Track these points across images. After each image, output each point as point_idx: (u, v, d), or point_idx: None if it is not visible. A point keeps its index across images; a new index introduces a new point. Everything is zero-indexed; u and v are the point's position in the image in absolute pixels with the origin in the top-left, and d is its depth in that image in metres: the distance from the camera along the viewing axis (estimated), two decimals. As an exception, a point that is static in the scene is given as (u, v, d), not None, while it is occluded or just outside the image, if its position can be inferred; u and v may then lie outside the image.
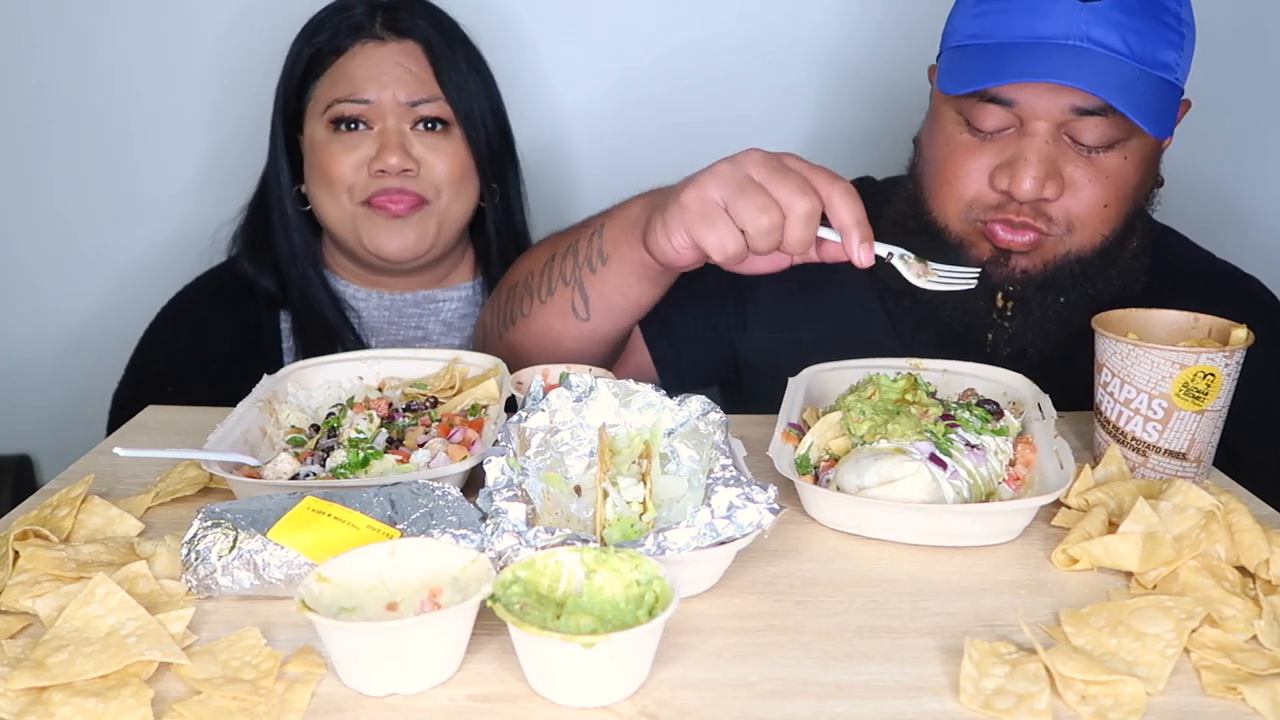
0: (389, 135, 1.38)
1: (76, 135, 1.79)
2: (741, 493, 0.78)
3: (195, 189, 1.81)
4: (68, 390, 1.60)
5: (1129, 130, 1.08)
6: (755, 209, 1.00)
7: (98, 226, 1.83)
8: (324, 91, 1.41)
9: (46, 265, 1.85)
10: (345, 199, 1.41)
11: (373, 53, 1.39)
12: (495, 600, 0.67)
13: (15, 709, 0.64)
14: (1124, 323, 1.02)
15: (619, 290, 1.17)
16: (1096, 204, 1.11)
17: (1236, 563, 0.82)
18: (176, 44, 1.75)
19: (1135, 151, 1.11)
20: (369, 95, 1.38)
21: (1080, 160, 1.10)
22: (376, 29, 1.40)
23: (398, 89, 1.38)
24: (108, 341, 1.56)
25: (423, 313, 1.52)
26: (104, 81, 1.76)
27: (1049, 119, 1.08)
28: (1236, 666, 0.69)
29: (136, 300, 1.58)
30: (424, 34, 1.41)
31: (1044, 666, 0.68)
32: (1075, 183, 1.10)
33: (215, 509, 0.79)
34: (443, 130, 1.41)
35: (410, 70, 1.39)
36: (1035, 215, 1.12)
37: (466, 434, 0.99)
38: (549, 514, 0.86)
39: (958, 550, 0.87)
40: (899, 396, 0.99)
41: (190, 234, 1.72)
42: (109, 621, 0.70)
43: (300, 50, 1.43)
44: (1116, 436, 0.98)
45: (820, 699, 0.67)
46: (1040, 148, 1.08)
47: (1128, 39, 1.05)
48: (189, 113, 1.79)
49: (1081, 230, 1.12)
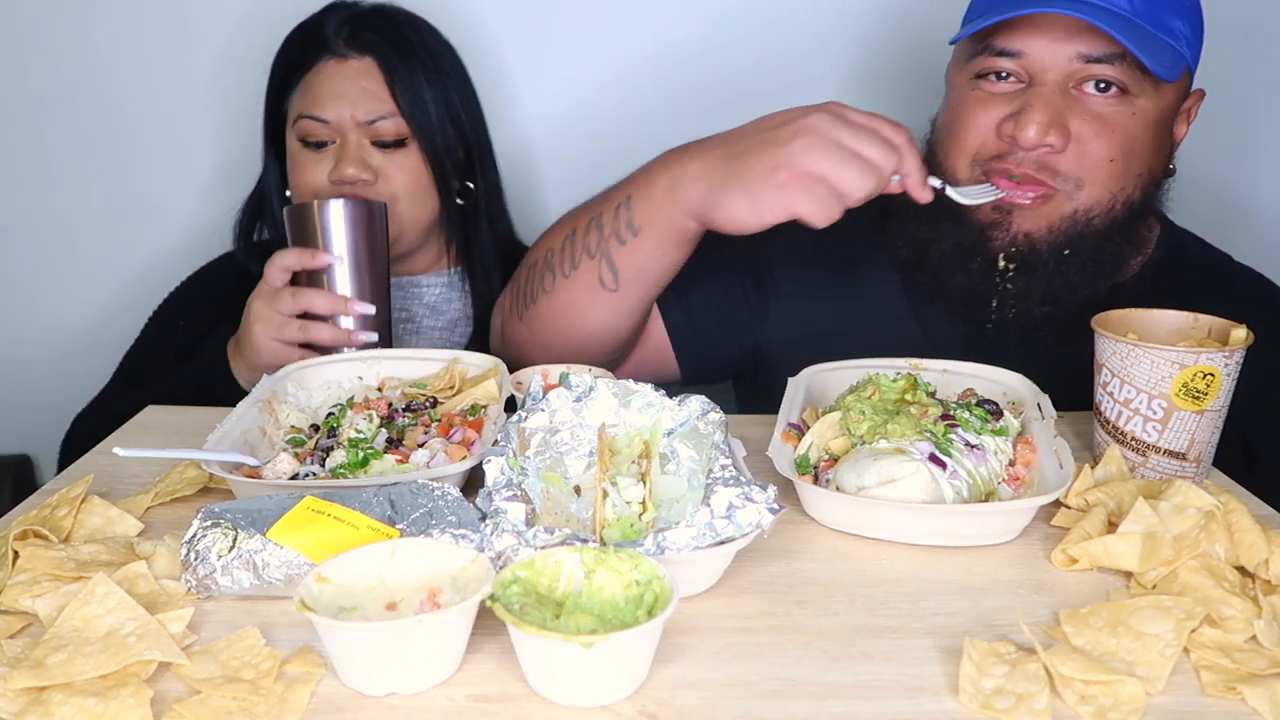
0: (348, 149, 1.43)
1: (76, 139, 1.79)
2: (741, 493, 0.78)
3: (196, 193, 1.81)
4: (69, 391, 1.60)
5: (1138, 85, 1.10)
6: (858, 176, 1.02)
7: (98, 228, 1.84)
8: (295, 105, 1.46)
9: (47, 266, 1.85)
10: None
11: (334, 70, 1.43)
12: (495, 600, 0.67)
13: (15, 709, 0.64)
14: (1124, 322, 1.02)
15: (652, 259, 1.17)
16: (1103, 158, 1.12)
17: (1236, 563, 0.82)
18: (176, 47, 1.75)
19: (1143, 110, 1.12)
20: (328, 115, 1.42)
21: (1086, 113, 1.11)
22: (339, 46, 1.43)
23: (354, 108, 1.42)
24: (109, 343, 1.56)
25: (407, 296, 1.58)
26: (103, 85, 1.77)
27: (1056, 69, 1.10)
28: (1236, 666, 0.69)
29: (137, 303, 1.58)
30: (380, 50, 1.44)
31: (1044, 666, 0.68)
32: (1081, 136, 1.11)
33: (215, 509, 0.79)
34: (398, 147, 1.45)
35: (366, 88, 1.43)
36: (1040, 169, 1.13)
37: (466, 434, 0.99)
38: (548, 514, 0.86)
39: (958, 550, 0.87)
40: (899, 396, 0.99)
41: (192, 238, 1.73)
42: (109, 621, 0.70)
43: (278, 62, 1.48)
44: (1116, 436, 0.98)
45: (820, 699, 0.67)
46: (1047, 95, 1.11)
47: (1133, 2, 1.08)
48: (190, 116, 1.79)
49: (1090, 186, 1.13)
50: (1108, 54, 1.09)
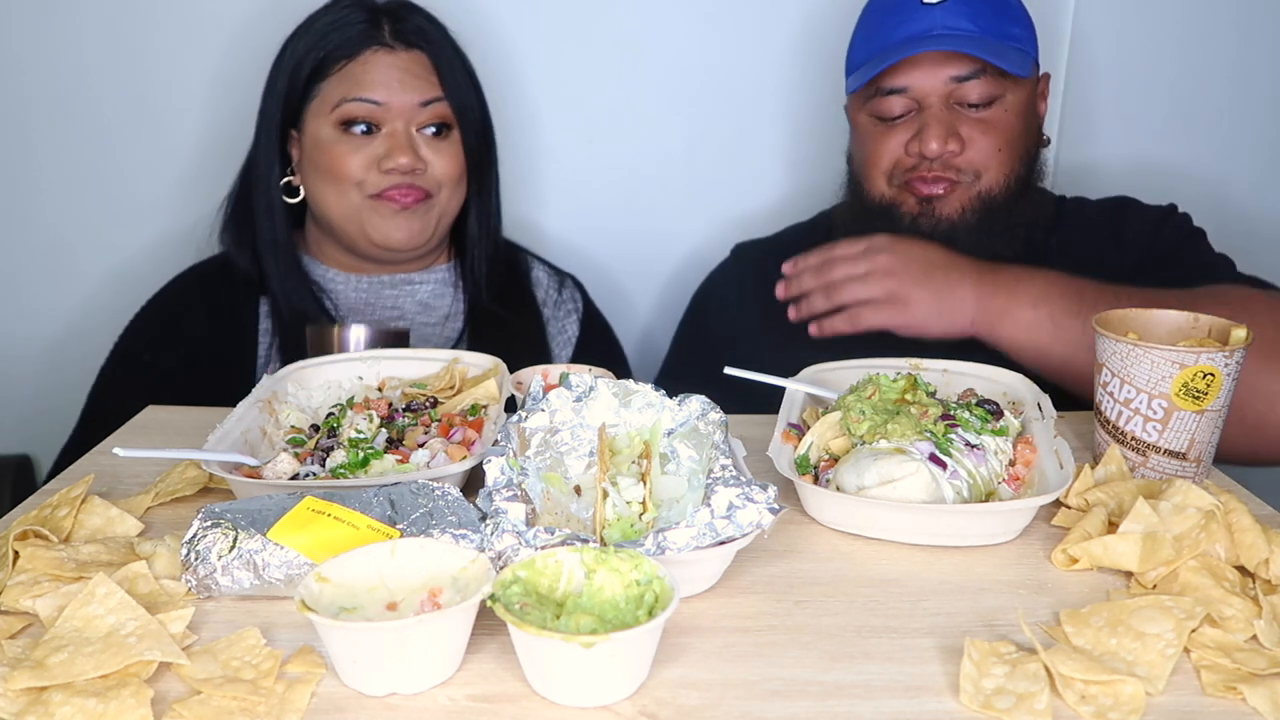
0: (398, 137, 1.45)
1: (67, 135, 1.79)
2: (741, 493, 0.78)
3: (187, 186, 1.80)
4: (69, 391, 1.60)
5: (1002, 87, 1.36)
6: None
7: (98, 228, 1.83)
8: (332, 90, 1.45)
9: (47, 266, 1.85)
10: (354, 194, 1.47)
11: (384, 59, 1.45)
12: (495, 600, 0.67)
13: (15, 709, 0.64)
14: (1124, 322, 1.02)
15: None
16: (992, 150, 1.37)
17: (1236, 562, 0.82)
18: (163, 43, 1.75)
19: (1012, 105, 1.38)
20: (380, 97, 1.44)
21: (970, 120, 1.37)
22: (386, 37, 1.46)
23: (407, 92, 1.45)
24: (110, 343, 1.56)
25: (399, 294, 1.58)
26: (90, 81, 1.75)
27: (936, 92, 1.36)
28: (1236, 666, 0.69)
29: (140, 302, 1.58)
30: (430, 43, 1.48)
31: (1044, 666, 0.68)
32: (970, 139, 1.37)
33: (215, 509, 0.79)
34: (445, 133, 1.49)
35: (420, 77, 1.47)
36: (945, 169, 1.38)
37: (466, 434, 0.99)
38: (549, 514, 0.86)
39: (958, 550, 0.87)
40: (899, 396, 0.99)
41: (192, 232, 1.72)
42: (109, 621, 0.70)
43: (307, 52, 1.46)
44: (1116, 436, 0.98)
45: (820, 699, 0.67)
46: (938, 114, 1.36)
47: (977, 22, 1.34)
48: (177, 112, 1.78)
49: (986, 173, 1.38)
50: (973, 71, 1.35)
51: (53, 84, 1.77)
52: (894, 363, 1.13)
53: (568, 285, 1.68)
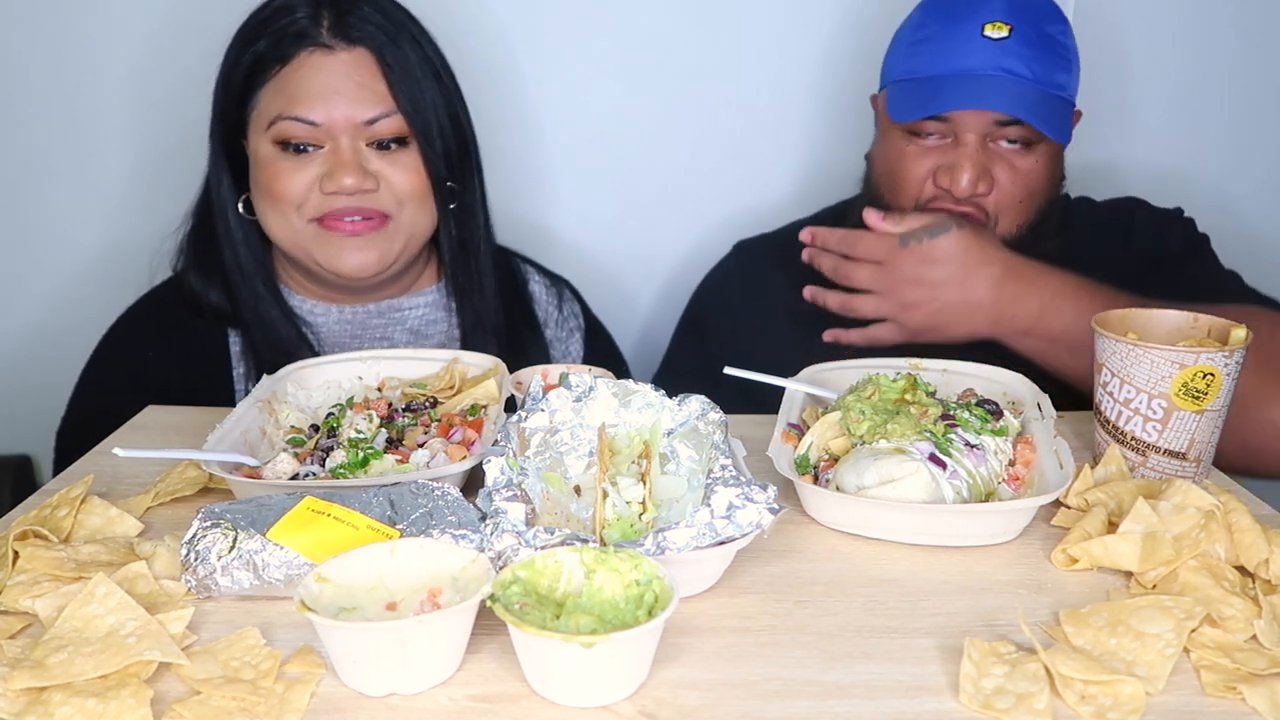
0: (342, 154, 1.26)
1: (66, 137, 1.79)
2: (741, 493, 0.78)
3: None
4: (69, 391, 1.60)
5: (1038, 135, 1.33)
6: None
7: (96, 226, 1.83)
8: (268, 103, 1.28)
9: (47, 267, 1.85)
10: (295, 218, 1.29)
11: (320, 64, 1.25)
12: (495, 600, 0.67)
13: (15, 709, 0.64)
14: (1123, 322, 1.02)
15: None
16: (1013, 200, 1.37)
17: (1236, 562, 0.82)
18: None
19: (1043, 153, 1.36)
20: (316, 116, 1.25)
21: (1002, 163, 1.35)
22: (324, 36, 1.26)
23: (349, 107, 1.25)
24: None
25: (387, 323, 1.42)
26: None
27: (976, 131, 1.33)
28: (1236, 666, 0.69)
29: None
30: (375, 40, 1.27)
31: (1044, 666, 0.68)
32: (1000, 181, 1.35)
33: (215, 509, 0.79)
34: (401, 145, 1.30)
35: (361, 84, 1.26)
36: (968, 202, 1.35)
37: (466, 434, 0.99)
38: (548, 514, 0.86)
39: (957, 550, 0.87)
40: (898, 396, 0.99)
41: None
42: (109, 621, 0.70)
43: (240, 55, 1.29)
44: (1116, 436, 0.98)
45: (820, 699, 0.67)
46: (972, 154, 1.34)
47: (1031, 67, 1.31)
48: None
49: (1003, 220, 1.37)
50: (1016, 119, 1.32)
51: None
52: (894, 362, 1.13)
53: (566, 298, 1.56)
